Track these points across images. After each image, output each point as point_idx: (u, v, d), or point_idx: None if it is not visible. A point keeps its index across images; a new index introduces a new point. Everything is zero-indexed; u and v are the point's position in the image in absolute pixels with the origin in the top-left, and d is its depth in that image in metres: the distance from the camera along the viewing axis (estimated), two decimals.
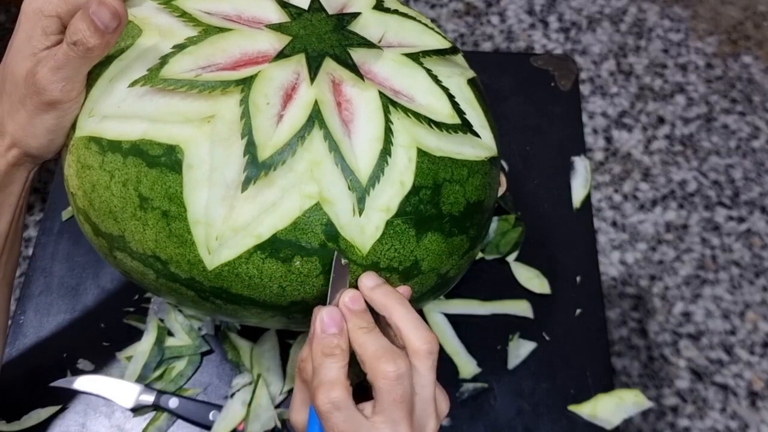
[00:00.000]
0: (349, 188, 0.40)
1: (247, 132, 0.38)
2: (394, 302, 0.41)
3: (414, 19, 0.48)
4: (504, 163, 0.76)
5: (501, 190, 0.52)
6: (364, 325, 0.41)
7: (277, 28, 0.42)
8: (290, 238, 0.40)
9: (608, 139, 1.50)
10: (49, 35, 0.41)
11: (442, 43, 0.48)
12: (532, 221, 0.71)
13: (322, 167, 0.40)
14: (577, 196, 0.74)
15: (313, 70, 0.41)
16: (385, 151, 0.40)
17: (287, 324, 0.47)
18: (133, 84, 0.40)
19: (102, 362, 0.64)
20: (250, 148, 0.38)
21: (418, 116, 0.42)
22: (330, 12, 0.45)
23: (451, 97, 0.45)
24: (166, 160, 0.40)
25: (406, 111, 0.42)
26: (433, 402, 0.41)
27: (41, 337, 0.65)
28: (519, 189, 0.74)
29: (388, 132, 0.41)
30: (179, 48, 0.40)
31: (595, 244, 0.71)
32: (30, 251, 0.93)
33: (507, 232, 0.70)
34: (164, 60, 0.40)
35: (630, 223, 1.39)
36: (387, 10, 0.47)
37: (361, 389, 0.42)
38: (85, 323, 0.66)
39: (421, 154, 0.42)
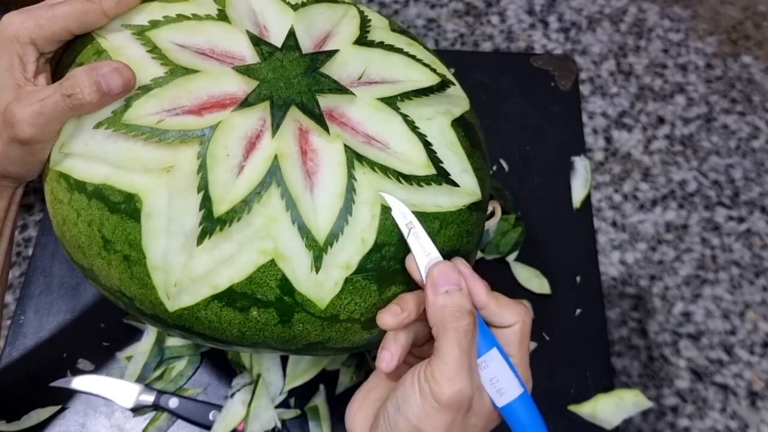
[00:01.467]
0: (306, 246, 0.39)
1: (203, 186, 0.38)
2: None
3: (401, 51, 0.46)
4: (504, 163, 0.76)
5: (494, 221, 0.50)
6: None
7: (244, 71, 0.41)
8: (246, 291, 0.39)
9: (608, 139, 1.50)
10: (27, 64, 0.41)
11: (429, 79, 0.45)
12: (532, 221, 0.71)
13: (278, 224, 0.39)
14: (577, 196, 0.74)
15: (276, 122, 0.40)
16: (346, 210, 0.39)
17: (254, 353, 0.48)
18: (98, 126, 0.39)
19: (102, 362, 0.64)
20: (206, 203, 0.38)
21: (385, 170, 0.40)
22: (310, 42, 0.44)
23: (427, 145, 0.43)
24: (125, 207, 0.39)
25: (373, 165, 0.40)
26: None
27: (41, 337, 0.65)
28: (519, 189, 0.74)
29: (351, 189, 0.40)
30: (144, 90, 0.40)
31: (595, 244, 0.71)
32: (30, 251, 0.93)
33: (507, 232, 0.70)
34: (128, 103, 0.39)
35: (630, 223, 1.39)
36: (370, 44, 0.45)
37: None
38: (85, 323, 0.66)
39: (386, 210, 0.40)
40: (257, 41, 0.42)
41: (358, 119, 0.42)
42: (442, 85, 0.46)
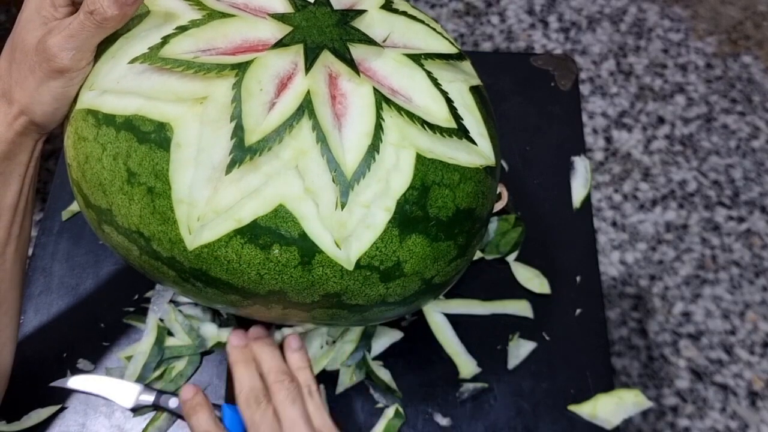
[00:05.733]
0: (333, 181, 0.40)
1: (237, 115, 0.39)
2: (258, 352, 0.53)
3: (422, 22, 0.48)
4: (504, 163, 0.76)
5: (500, 204, 0.51)
6: (241, 359, 0.52)
7: (279, 17, 0.42)
8: (270, 225, 0.40)
9: (608, 139, 1.50)
10: (58, 7, 0.42)
11: (449, 49, 0.47)
12: (532, 221, 0.71)
13: (307, 157, 0.40)
14: (577, 196, 0.74)
15: (309, 61, 0.41)
16: (373, 147, 0.40)
17: (267, 314, 0.47)
18: (133, 61, 0.40)
19: (102, 362, 0.64)
20: (238, 131, 0.38)
21: (411, 116, 0.42)
22: (337, 8, 0.45)
23: (449, 101, 0.44)
24: (155, 137, 0.40)
25: (400, 110, 0.42)
26: None
27: (41, 337, 0.65)
28: (519, 189, 0.74)
29: (378, 128, 0.41)
30: (181, 29, 0.41)
31: (595, 244, 0.71)
32: (30, 251, 0.93)
33: (507, 232, 0.70)
34: (165, 40, 0.41)
35: (630, 223, 1.39)
36: (395, 11, 0.47)
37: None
38: (85, 323, 0.66)
39: (421, 159, 0.42)
40: None
41: (384, 73, 0.44)
42: (460, 56, 0.48)
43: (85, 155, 0.43)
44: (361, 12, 0.45)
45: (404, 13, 0.47)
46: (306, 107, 0.40)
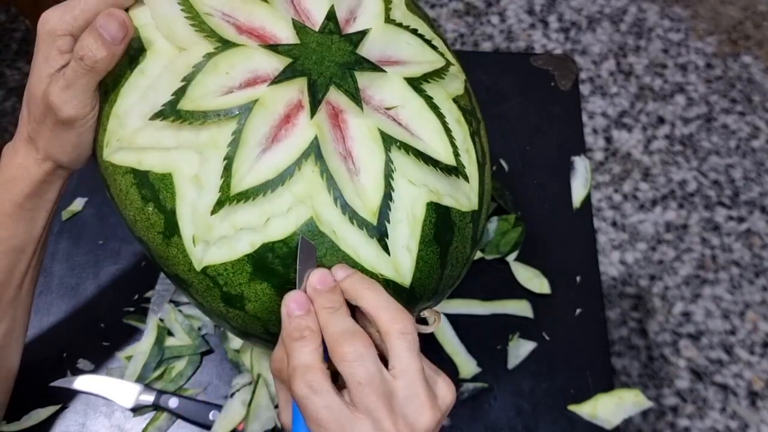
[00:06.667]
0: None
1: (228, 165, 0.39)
2: (362, 288, 0.39)
3: (415, 32, 0.47)
4: (504, 163, 0.76)
5: (432, 328, 0.49)
6: (328, 305, 0.39)
7: (286, 51, 0.41)
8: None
9: (608, 139, 1.50)
10: (64, 54, 0.42)
11: (437, 59, 0.46)
12: (532, 221, 0.71)
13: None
14: (577, 196, 0.74)
15: (315, 100, 0.40)
16: (387, 196, 0.41)
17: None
18: (153, 118, 0.40)
19: (102, 362, 0.64)
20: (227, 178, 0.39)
21: (417, 154, 0.42)
22: (338, 9, 0.44)
23: (450, 138, 0.44)
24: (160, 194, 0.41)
25: (407, 149, 0.42)
26: (421, 390, 0.37)
27: (41, 337, 0.65)
28: (519, 189, 0.74)
29: (389, 168, 0.41)
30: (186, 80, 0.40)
31: (595, 244, 0.71)
32: None
33: (507, 232, 0.70)
34: (178, 95, 0.40)
35: (630, 223, 1.39)
36: (393, 21, 0.46)
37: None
38: (85, 323, 0.66)
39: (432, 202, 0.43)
40: (300, 25, 0.43)
41: (387, 102, 0.43)
42: (447, 66, 0.47)
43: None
44: (364, 33, 0.43)
45: (400, 25, 0.46)
46: (312, 150, 0.40)
